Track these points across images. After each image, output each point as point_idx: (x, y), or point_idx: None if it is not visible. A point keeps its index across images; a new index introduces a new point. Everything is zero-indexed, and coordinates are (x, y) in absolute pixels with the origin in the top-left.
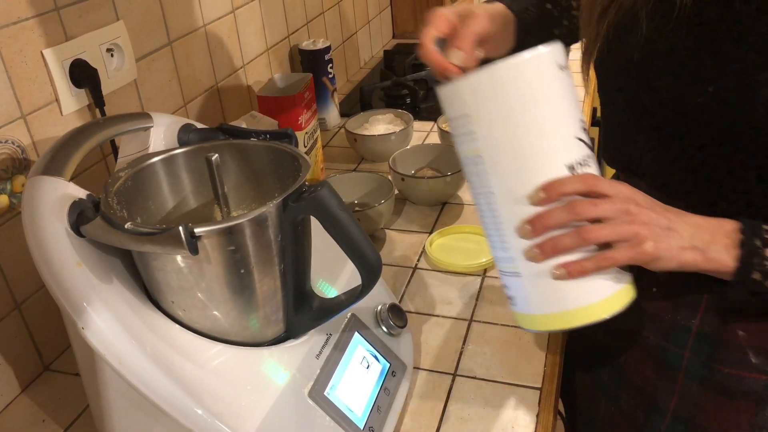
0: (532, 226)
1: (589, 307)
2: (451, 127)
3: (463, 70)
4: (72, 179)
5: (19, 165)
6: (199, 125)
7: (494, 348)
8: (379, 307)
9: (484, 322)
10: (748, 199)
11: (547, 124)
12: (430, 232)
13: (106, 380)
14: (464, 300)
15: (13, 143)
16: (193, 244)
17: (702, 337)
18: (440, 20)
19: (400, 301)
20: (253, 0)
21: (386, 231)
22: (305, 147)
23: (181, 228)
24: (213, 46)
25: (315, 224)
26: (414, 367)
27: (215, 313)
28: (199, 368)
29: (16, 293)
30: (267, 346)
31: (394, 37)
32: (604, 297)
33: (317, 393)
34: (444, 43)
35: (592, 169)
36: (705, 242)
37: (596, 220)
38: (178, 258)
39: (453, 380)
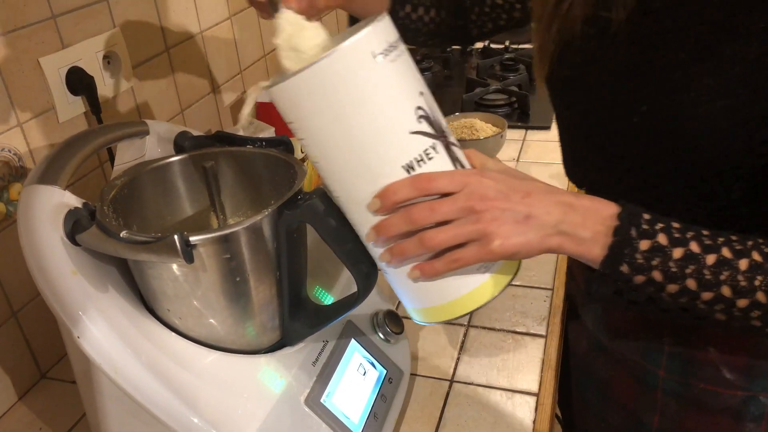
0: (377, 235)
1: (460, 299)
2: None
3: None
4: (69, 186)
5: (16, 173)
6: (196, 133)
7: (491, 354)
8: (376, 314)
9: (481, 328)
10: (692, 216)
11: (371, 126)
12: None
13: (102, 389)
14: None
15: (9, 151)
16: (188, 252)
17: (674, 355)
18: None
19: (396, 308)
20: (251, 6)
21: None
22: (302, 153)
23: (176, 236)
24: (210, 53)
25: (311, 231)
26: (411, 374)
27: (211, 320)
28: (195, 376)
29: (13, 301)
30: (263, 353)
31: None
32: (472, 288)
33: (313, 400)
34: None
35: (436, 162)
36: (573, 225)
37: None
38: (174, 266)
39: (450, 386)
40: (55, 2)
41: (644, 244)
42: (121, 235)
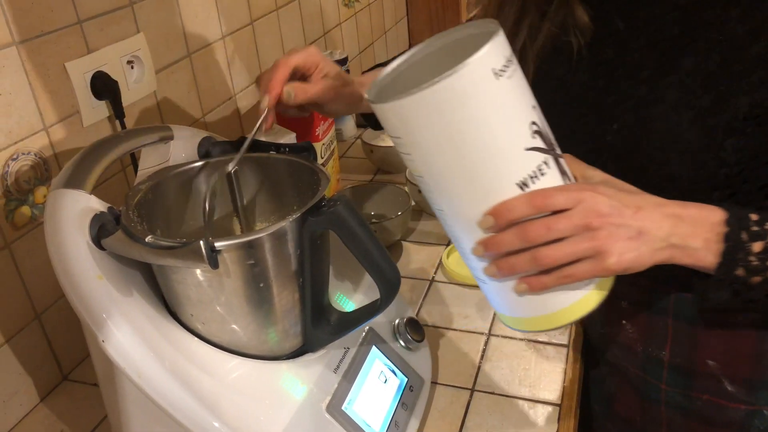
0: (485, 249)
1: (561, 311)
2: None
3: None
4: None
5: (41, 176)
6: (219, 138)
7: (512, 363)
8: (397, 321)
9: (502, 337)
10: None
11: (488, 144)
12: (447, 245)
13: (125, 392)
14: (482, 314)
15: (35, 155)
16: (213, 258)
17: (674, 368)
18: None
19: (416, 314)
20: (271, 12)
21: (403, 243)
22: (322, 158)
23: (201, 242)
24: (231, 58)
25: (333, 237)
26: (432, 382)
27: (234, 326)
28: (217, 382)
29: (36, 303)
30: (285, 359)
31: (410, 47)
32: (573, 301)
33: (335, 407)
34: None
35: (549, 177)
36: (684, 237)
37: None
38: (198, 272)
39: (471, 395)
40: (81, 8)
41: (757, 246)
42: (146, 240)
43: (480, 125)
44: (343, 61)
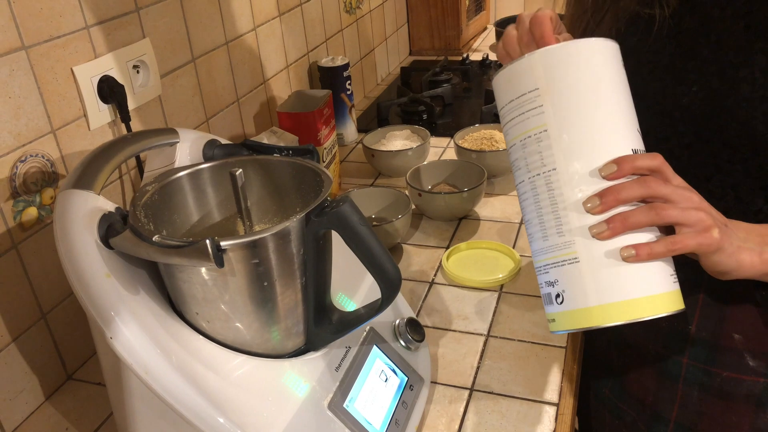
0: (602, 200)
1: (648, 299)
2: (510, 108)
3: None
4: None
5: (48, 178)
6: (224, 141)
7: (511, 363)
8: (397, 321)
9: (500, 338)
10: (735, 194)
11: (617, 105)
12: (447, 247)
13: (131, 389)
14: (481, 315)
15: (42, 157)
16: (219, 257)
17: (699, 342)
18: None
19: (417, 316)
20: (274, 18)
21: (403, 245)
22: (324, 162)
23: (207, 241)
24: (235, 63)
25: (335, 238)
26: (431, 381)
27: (238, 324)
28: (221, 379)
29: (43, 303)
30: (287, 358)
31: (411, 54)
32: (662, 291)
33: (336, 405)
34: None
35: None
36: (758, 244)
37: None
38: (203, 270)
39: (470, 395)
40: (89, 13)
41: None
42: (153, 239)
43: (615, 87)
44: (344, 67)
